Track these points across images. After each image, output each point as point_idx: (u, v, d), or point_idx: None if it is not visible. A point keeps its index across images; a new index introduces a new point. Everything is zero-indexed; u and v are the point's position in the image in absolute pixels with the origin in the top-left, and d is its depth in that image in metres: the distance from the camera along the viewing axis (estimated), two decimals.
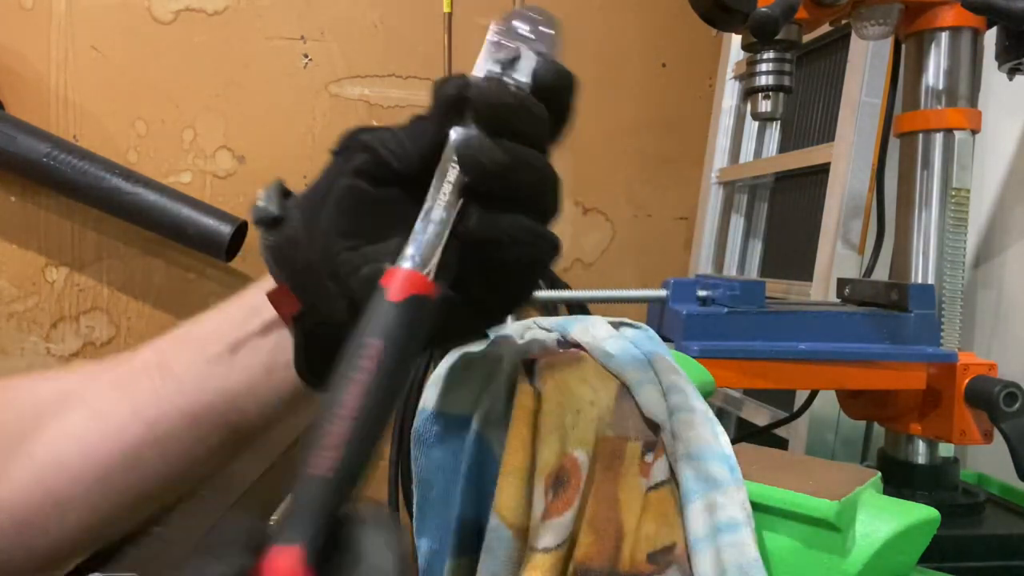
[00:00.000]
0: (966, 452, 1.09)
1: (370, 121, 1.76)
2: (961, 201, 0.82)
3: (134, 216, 1.61)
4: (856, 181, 1.09)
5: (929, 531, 0.49)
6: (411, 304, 0.33)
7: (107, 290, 1.73)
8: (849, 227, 1.10)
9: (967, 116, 0.82)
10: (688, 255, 1.73)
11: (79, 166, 1.56)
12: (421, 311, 0.34)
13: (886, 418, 0.85)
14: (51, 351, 1.72)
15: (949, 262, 0.82)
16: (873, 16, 0.82)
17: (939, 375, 0.77)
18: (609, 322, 0.55)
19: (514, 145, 0.37)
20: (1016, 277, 1.08)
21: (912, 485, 0.81)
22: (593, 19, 1.80)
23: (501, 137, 0.37)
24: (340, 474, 0.29)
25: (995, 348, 1.10)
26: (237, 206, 1.71)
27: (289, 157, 1.73)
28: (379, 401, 0.31)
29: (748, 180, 1.49)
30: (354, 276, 0.37)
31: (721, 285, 0.78)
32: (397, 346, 0.32)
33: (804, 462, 0.56)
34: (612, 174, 1.84)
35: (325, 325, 0.40)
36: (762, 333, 0.76)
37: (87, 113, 1.70)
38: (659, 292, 0.82)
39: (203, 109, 1.72)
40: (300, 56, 1.75)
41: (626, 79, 1.83)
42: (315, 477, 0.28)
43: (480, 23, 1.78)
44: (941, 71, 0.82)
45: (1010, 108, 1.09)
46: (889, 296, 0.80)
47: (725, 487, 0.43)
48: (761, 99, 0.81)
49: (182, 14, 1.71)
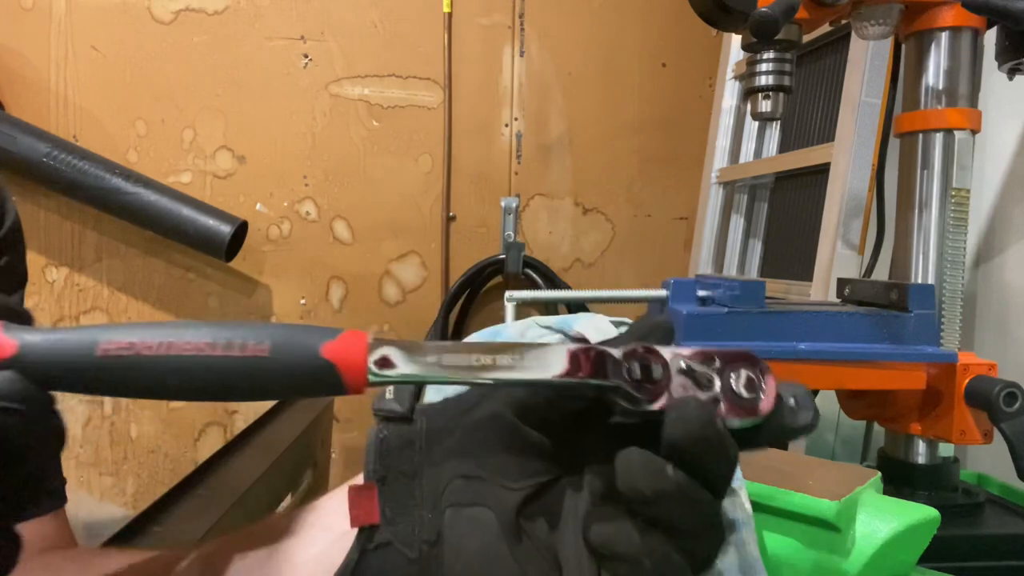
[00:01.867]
0: (966, 452, 1.09)
1: (370, 121, 1.76)
2: (961, 201, 0.82)
3: (134, 216, 1.61)
4: (856, 181, 1.09)
5: (929, 531, 0.49)
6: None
7: (107, 290, 1.73)
8: (849, 227, 1.10)
9: (967, 116, 0.82)
10: (688, 255, 1.73)
11: (79, 166, 1.56)
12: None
13: (886, 418, 0.85)
14: None
15: (949, 262, 0.82)
16: (873, 16, 0.82)
17: (939, 375, 0.77)
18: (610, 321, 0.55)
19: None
20: (1016, 277, 1.08)
21: (912, 485, 0.81)
22: (593, 19, 1.80)
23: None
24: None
25: (995, 348, 1.10)
26: (237, 206, 1.72)
27: (289, 157, 1.73)
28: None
29: (748, 180, 1.49)
30: (453, 511, 0.33)
31: (721, 285, 0.78)
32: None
33: (804, 462, 0.56)
34: (612, 174, 1.84)
35: (390, 553, 0.35)
36: (762, 333, 0.76)
37: (87, 113, 1.70)
38: (659, 292, 0.82)
39: (203, 109, 1.72)
40: (300, 56, 1.75)
41: (626, 79, 1.83)
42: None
43: (480, 23, 1.78)
44: (941, 71, 0.82)
45: (1010, 108, 1.09)
46: (889, 296, 0.80)
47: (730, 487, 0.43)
48: (761, 99, 0.81)
49: (182, 14, 1.71)
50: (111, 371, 0.30)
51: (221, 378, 0.31)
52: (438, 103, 1.78)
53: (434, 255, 1.80)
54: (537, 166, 1.82)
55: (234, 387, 0.31)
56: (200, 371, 0.31)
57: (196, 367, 0.30)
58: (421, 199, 1.79)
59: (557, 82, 1.81)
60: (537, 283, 1.76)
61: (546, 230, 1.83)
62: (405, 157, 1.78)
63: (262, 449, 1.31)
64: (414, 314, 1.79)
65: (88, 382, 0.30)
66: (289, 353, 0.31)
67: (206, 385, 0.31)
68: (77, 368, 0.30)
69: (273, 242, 1.75)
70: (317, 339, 0.31)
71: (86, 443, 1.71)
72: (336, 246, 1.77)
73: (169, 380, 0.31)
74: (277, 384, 0.31)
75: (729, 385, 0.32)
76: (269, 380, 0.31)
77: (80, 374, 0.30)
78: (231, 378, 0.31)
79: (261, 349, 0.31)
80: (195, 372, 0.31)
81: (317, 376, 0.31)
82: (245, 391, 0.32)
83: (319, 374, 0.31)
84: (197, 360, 0.31)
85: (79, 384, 0.31)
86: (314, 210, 1.75)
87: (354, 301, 1.79)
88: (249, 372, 0.31)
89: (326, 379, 0.31)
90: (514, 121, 1.81)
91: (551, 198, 1.83)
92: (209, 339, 0.31)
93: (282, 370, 0.31)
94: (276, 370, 0.31)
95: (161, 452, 1.75)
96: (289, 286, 1.76)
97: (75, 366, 0.30)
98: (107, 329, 0.31)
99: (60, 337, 0.30)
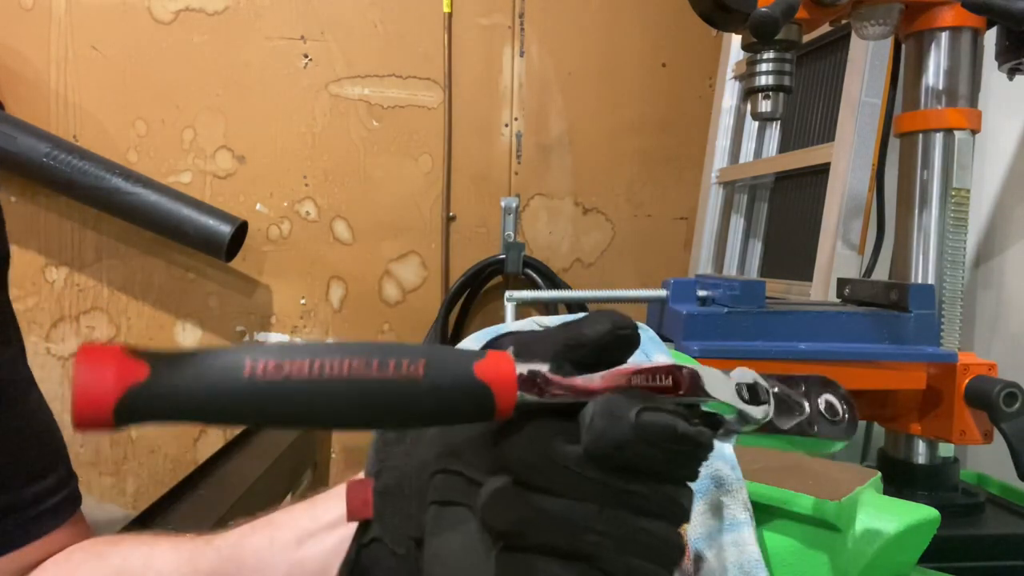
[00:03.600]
0: (966, 452, 1.09)
1: (370, 121, 1.76)
2: (961, 201, 0.82)
3: (134, 216, 1.61)
4: (856, 181, 1.09)
5: (929, 531, 0.49)
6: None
7: (107, 290, 1.73)
8: (849, 227, 1.10)
9: (967, 116, 0.82)
10: (688, 255, 1.73)
11: (79, 166, 1.56)
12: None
13: (886, 418, 0.85)
14: (51, 351, 1.72)
15: (949, 262, 0.82)
16: (873, 16, 0.82)
17: (939, 375, 0.77)
18: None
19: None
20: (1016, 277, 1.08)
21: (912, 485, 0.81)
22: (593, 19, 1.80)
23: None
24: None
25: (995, 348, 1.10)
26: (237, 206, 1.72)
27: (289, 157, 1.73)
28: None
29: (748, 180, 1.49)
30: (436, 510, 0.32)
31: (721, 285, 0.78)
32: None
33: (804, 462, 0.56)
34: (612, 174, 1.84)
35: (380, 550, 0.35)
36: (762, 333, 0.76)
37: (87, 113, 1.70)
38: (659, 292, 0.82)
39: (203, 109, 1.72)
40: (300, 56, 1.75)
41: (626, 79, 1.83)
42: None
43: (480, 23, 1.78)
44: (941, 71, 0.82)
45: (1010, 108, 1.09)
46: (889, 296, 0.80)
47: (730, 487, 0.43)
48: (761, 99, 0.81)
49: (182, 14, 1.71)
50: (260, 396, 0.27)
51: (376, 403, 0.29)
52: (438, 103, 1.77)
53: (434, 255, 1.80)
54: (537, 166, 1.82)
55: (390, 412, 0.29)
56: (355, 395, 0.28)
57: (352, 392, 0.28)
58: (421, 199, 1.79)
59: (557, 82, 1.81)
60: (537, 283, 1.76)
61: (546, 230, 1.83)
62: (405, 157, 1.78)
63: (262, 449, 1.31)
64: (414, 314, 1.79)
65: (234, 409, 0.28)
66: (445, 373, 0.29)
67: (361, 412, 0.29)
68: (221, 393, 0.27)
69: (273, 242, 1.75)
70: (468, 360, 0.30)
71: (86, 443, 1.71)
72: (336, 246, 1.77)
73: (322, 407, 0.28)
74: (430, 408, 0.29)
75: (817, 409, 0.36)
76: (424, 403, 0.29)
77: (226, 400, 0.27)
78: (387, 402, 0.29)
79: (415, 370, 0.29)
80: (352, 399, 0.28)
81: (473, 399, 0.30)
82: (401, 416, 0.29)
83: (476, 398, 0.30)
84: (353, 385, 0.28)
85: (223, 412, 0.28)
86: (314, 210, 1.75)
87: (354, 301, 1.79)
88: (406, 396, 0.29)
89: (481, 403, 0.30)
90: (514, 121, 1.81)
91: (551, 198, 1.83)
92: (363, 358, 0.28)
93: (438, 393, 0.29)
94: (432, 393, 0.29)
95: (161, 452, 1.75)
96: (289, 286, 1.76)
97: (218, 390, 0.27)
98: (252, 350, 0.28)
99: (198, 357, 0.28)
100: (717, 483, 0.43)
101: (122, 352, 0.27)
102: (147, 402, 0.27)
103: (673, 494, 0.31)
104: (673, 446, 0.30)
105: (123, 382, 0.26)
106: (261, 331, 1.75)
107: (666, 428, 0.30)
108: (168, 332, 1.74)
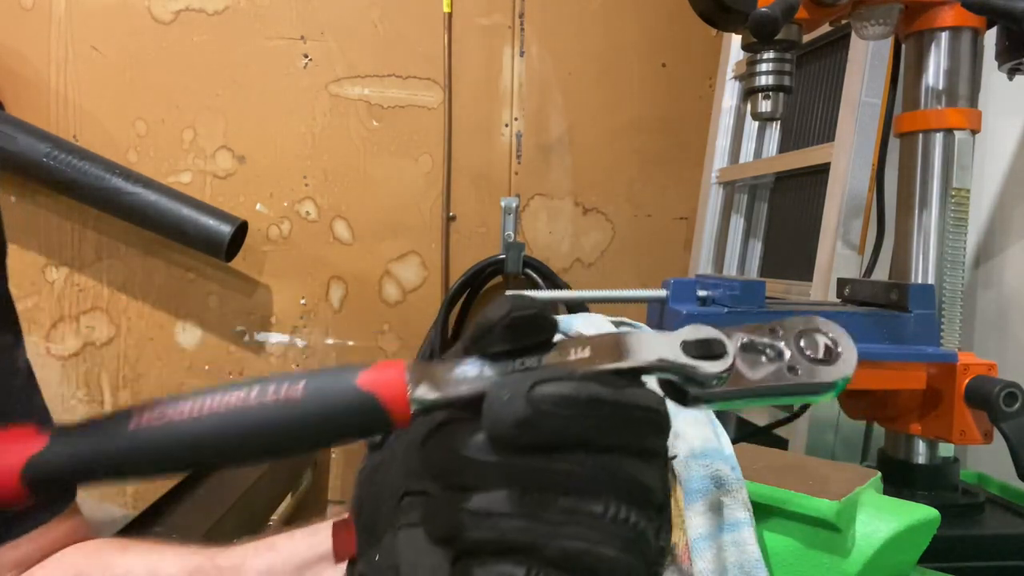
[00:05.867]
0: (966, 452, 1.09)
1: (370, 121, 1.76)
2: (961, 201, 0.82)
3: (134, 216, 1.61)
4: (856, 181, 1.09)
5: (929, 531, 0.49)
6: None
7: (107, 290, 1.73)
8: (849, 227, 1.10)
9: (967, 116, 0.82)
10: (688, 255, 1.73)
11: (79, 166, 1.56)
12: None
13: (886, 418, 0.85)
14: (51, 351, 1.72)
15: (949, 262, 0.82)
16: (873, 16, 0.82)
17: (939, 375, 0.77)
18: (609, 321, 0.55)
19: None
20: (1016, 277, 1.08)
21: (912, 485, 0.81)
22: (593, 19, 1.80)
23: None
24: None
25: (995, 348, 1.10)
26: (237, 206, 1.72)
27: (289, 157, 1.73)
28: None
29: (748, 180, 1.49)
30: (406, 534, 0.31)
31: (721, 285, 0.78)
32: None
33: (804, 462, 0.56)
34: (612, 174, 1.84)
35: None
36: None
37: (87, 113, 1.70)
38: (659, 292, 0.81)
39: (203, 109, 1.73)
40: (300, 56, 1.75)
41: (626, 79, 1.83)
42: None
43: (480, 23, 1.78)
44: (941, 71, 0.82)
45: (1010, 108, 1.09)
46: (889, 296, 0.80)
47: (730, 487, 0.43)
48: (761, 99, 0.81)
49: (182, 14, 1.71)
50: (146, 445, 0.28)
51: (258, 431, 0.29)
52: (438, 103, 1.78)
53: (434, 255, 1.80)
54: (537, 166, 1.82)
55: (273, 438, 0.29)
56: (237, 427, 0.28)
57: (230, 424, 0.28)
58: (421, 199, 1.79)
59: (557, 82, 1.81)
60: (537, 283, 1.76)
61: (546, 230, 1.83)
62: (405, 157, 1.78)
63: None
64: (414, 314, 1.79)
65: (124, 461, 0.28)
66: (324, 390, 0.29)
67: (243, 442, 0.29)
68: (109, 448, 0.28)
69: (273, 242, 1.75)
70: (351, 373, 0.30)
71: None
72: (336, 246, 1.77)
73: (205, 444, 0.28)
74: (315, 428, 0.29)
75: (799, 349, 0.31)
76: (307, 424, 0.29)
77: (114, 453, 0.28)
78: (268, 429, 0.29)
79: (294, 392, 0.29)
80: (230, 430, 0.28)
81: (359, 410, 0.29)
82: (286, 442, 0.29)
83: (361, 408, 0.29)
84: (232, 417, 0.28)
85: (119, 468, 0.29)
86: (314, 210, 1.75)
87: (354, 301, 1.79)
88: (286, 419, 0.29)
89: (369, 413, 0.29)
90: (514, 121, 1.81)
91: (551, 198, 1.83)
92: (244, 390, 0.29)
93: (319, 411, 0.29)
94: (314, 412, 0.29)
95: None
96: (289, 286, 1.76)
97: (104, 445, 0.28)
98: (153, 402, 0.29)
99: (96, 420, 0.29)
100: (717, 483, 0.43)
101: (31, 430, 0.29)
102: (50, 467, 0.28)
103: (610, 465, 0.29)
104: (584, 412, 0.28)
105: (23, 454, 0.28)
106: (261, 331, 1.75)
107: (565, 397, 0.28)
108: (168, 332, 1.74)
